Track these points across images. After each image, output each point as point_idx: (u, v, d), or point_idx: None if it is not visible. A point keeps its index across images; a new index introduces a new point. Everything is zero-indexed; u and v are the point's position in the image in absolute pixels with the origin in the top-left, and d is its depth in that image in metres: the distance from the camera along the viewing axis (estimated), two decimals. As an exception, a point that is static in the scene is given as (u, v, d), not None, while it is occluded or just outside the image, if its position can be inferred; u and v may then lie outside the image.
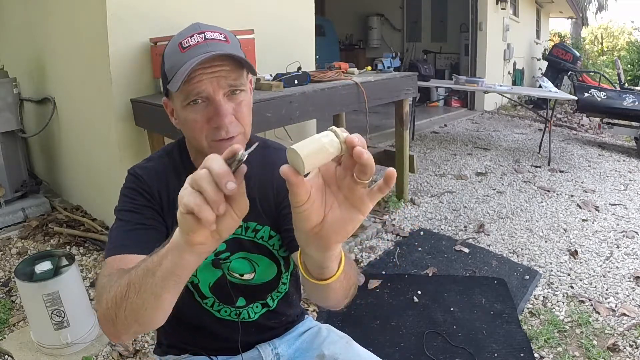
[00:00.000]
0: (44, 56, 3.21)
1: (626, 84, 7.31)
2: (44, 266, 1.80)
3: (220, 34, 0.87)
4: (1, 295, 2.24)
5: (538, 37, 11.51)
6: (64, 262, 1.85)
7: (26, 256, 2.49)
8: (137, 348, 1.90)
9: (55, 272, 1.79)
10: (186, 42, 0.85)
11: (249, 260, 0.99)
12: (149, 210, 0.91)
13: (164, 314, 0.68)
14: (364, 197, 0.53)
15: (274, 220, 0.99)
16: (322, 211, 0.55)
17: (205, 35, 0.85)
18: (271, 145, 1.04)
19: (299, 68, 2.74)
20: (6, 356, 1.84)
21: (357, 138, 0.50)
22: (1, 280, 2.37)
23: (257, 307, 1.04)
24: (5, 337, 1.93)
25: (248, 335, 1.04)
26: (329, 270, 0.64)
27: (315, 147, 0.49)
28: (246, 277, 1.00)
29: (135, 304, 0.65)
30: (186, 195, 0.51)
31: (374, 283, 2.39)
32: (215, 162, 0.51)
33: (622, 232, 3.06)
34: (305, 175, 0.51)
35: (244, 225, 0.98)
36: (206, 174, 0.50)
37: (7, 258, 2.57)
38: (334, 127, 0.52)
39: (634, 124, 5.57)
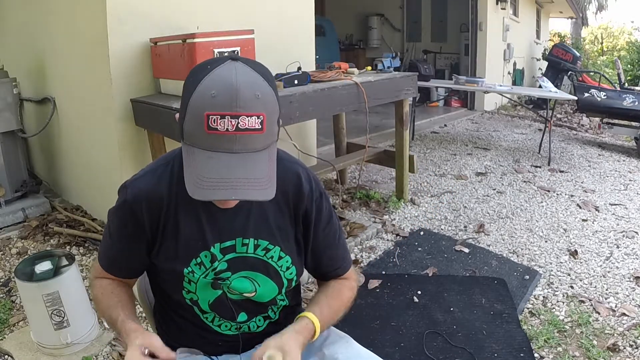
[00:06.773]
0: (44, 56, 3.21)
1: (626, 84, 7.30)
2: (44, 266, 1.80)
3: (258, 116, 0.74)
4: (1, 295, 2.24)
5: (538, 37, 11.50)
6: (64, 262, 1.85)
7: (26, 256, 2.48)
8: (137, 348, 1.89)
9: (55, 272, 1.79)
10: (214, 122, 0.73)
11: (251, 279, 0.96)
12: (131, 239, 0.94)
13: None
14: None
15: (286, 243, 0.96)
16: None
17: (238, 123, 0.73)
18: (284, 158, 0.96)
19: (299, 68, 2.74)
20: (6, 356, 1.84)
21: None
22: (1, 280, 2.37)
23: (259, 320, 1.02)
24: (5, 337, 1.93)
25: (251, 345, 1.03)
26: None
27: None
28: (246, 295, 0.96)
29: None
30: None
31: (374, 283, 2.39)
32: None
33: (622, 232, 3.06)
34: None
35: (254, 243, 0.94)
36: None
37: (7, 258, 2.57)
38: None
39: (634, 124, 5.56)
